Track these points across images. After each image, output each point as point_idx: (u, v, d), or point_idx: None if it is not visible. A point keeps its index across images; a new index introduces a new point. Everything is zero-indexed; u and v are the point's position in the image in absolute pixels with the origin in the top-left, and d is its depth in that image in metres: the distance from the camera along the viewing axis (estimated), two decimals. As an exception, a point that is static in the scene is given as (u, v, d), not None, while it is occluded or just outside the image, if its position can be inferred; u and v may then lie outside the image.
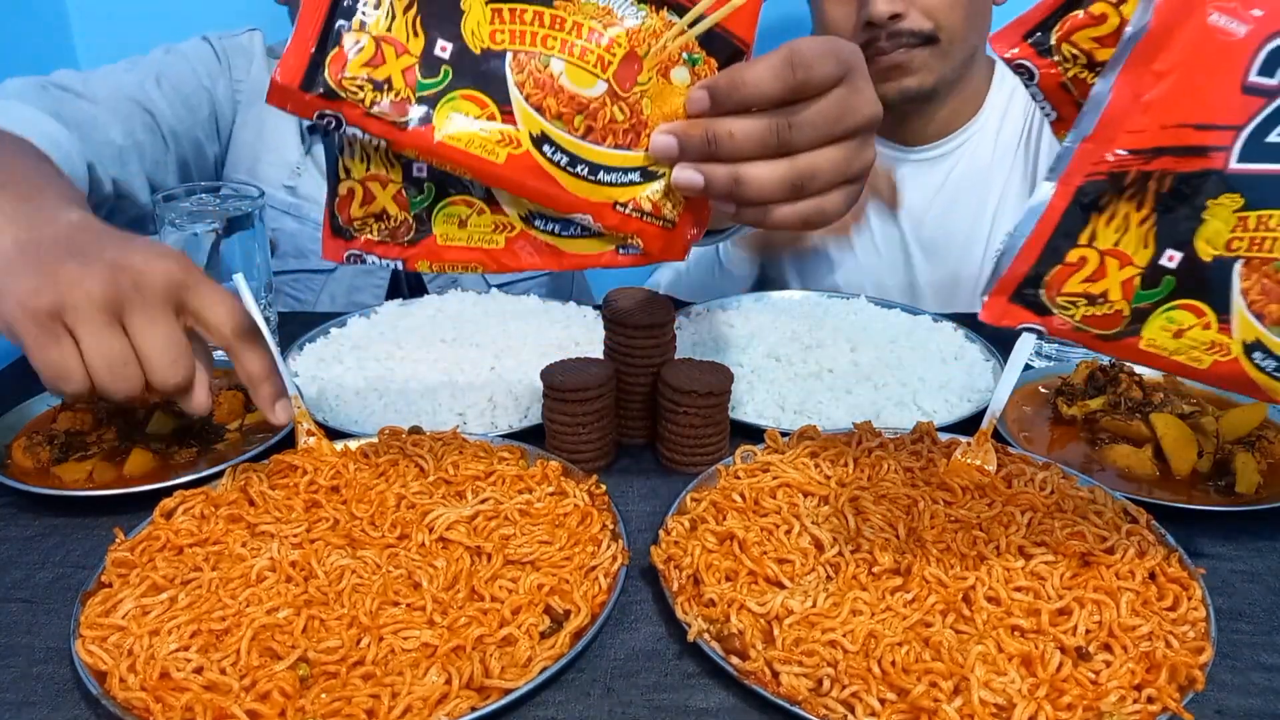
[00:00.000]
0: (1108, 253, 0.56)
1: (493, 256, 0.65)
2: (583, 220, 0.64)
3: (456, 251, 0.65)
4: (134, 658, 0.60)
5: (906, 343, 1.07)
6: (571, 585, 0.67)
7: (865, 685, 0.59)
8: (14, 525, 0.79)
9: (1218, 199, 0.54)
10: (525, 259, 0.65)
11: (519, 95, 0.61)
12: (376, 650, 0.61)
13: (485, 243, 0.65)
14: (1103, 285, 0.56)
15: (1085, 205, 0.55)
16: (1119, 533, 0.71)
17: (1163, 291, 0.57)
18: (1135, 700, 0.59)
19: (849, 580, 0.67)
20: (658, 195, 0.64)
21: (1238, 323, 0.57)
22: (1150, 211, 0.55)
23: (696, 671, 0.64)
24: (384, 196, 0.63)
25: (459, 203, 0.64)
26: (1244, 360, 0.58)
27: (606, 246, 0.65)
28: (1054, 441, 0.90)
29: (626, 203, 0.63)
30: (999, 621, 0.63)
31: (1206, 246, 0.55)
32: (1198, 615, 0.65)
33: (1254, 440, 0.86)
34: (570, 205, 0.63)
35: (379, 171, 0.63)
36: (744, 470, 0.79)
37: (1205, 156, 0.54)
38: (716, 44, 0.62)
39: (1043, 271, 0.56)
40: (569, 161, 0.62)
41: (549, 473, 0.79)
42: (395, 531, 0.72)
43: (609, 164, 0.62)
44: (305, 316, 1.19)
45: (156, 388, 0.65)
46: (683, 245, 0.66)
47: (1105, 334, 0.58)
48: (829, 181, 0.62)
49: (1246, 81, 0.53)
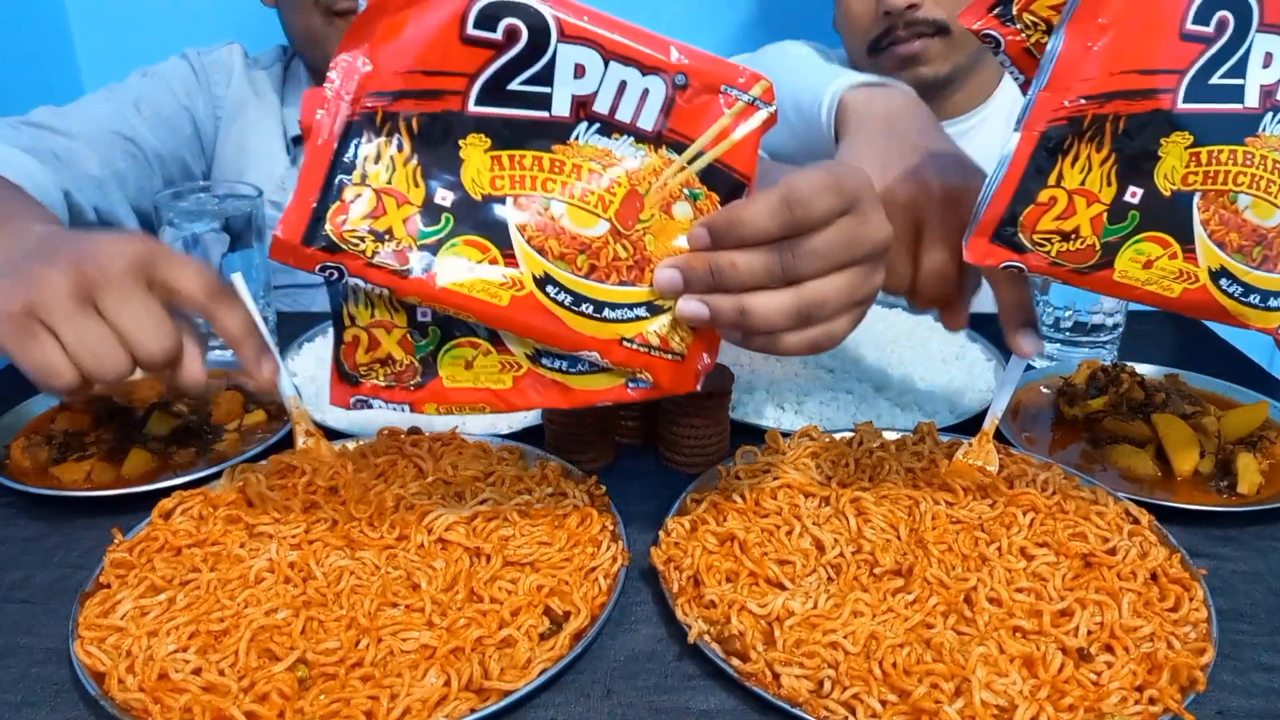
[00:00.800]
0: (1075, 192, 0.60)
1: (500, 396, 0.65)
2: (590, 357, 0.63)
3: (464, 393, 0.65)
4: (132, 659, 0.60)
5: (907, 343, 1.07)
6: (571, 586, 0.67)
7: (866, 687, 0.58)
8: (13, 525, 0.78)
9: (1169, 137, 0.59)
10: (534, 398, 0.65)
11: (520, 238, 0.61)
12: (375, 651, 0.61)
13: (493, 383, 0.65)
14: (1073, 222, 0.60)
15: (1050, 149, 0.59)
16: (1121, 533, 0.71)
17: (1129, 225, 0.61)
18: (1137, 701, 0.59)
19: (850, 581, 0.67)
20: (665, 329, 0.63)
21: (1202, 251, 0.62)
22: (1110, 152, 0.59)
23: (697, 673, 0.63)
24: (389, 342, 0.63)
25: (464, 345, 0.64)
26: (1211, 286, 0.63)
27: (616, 381, 0.65)
28: (1056, 442, 0.89)
29: (633, 338, 0.63)
30: (1000, 623, 0.63)
31: (1165, 182, 0.60)
32: (1199, 616, 0.65)
33: (1255, 440, 0.85)
34: (576, 344, 0.62)
35: (383, 318, 0.63)
36: (744, 471, 0.78)
37: (1153, 98, 0.58)
38: (717, 179, 0.62)
39: (1017, 212, 0.60)
40: (573, 300, 0.61)
41: (549, 473, 0.78)
42: (394, 532, 0.72)
43: (614, 300, 0.62)
44: (304, 317, 1.19)
45: (144, 362, 0.65)
46: (693, 376, 0.66)
47: (1080, 267, 0.62)
48: (837, 308, 0.62)
49: (1184, 29, 0.58)
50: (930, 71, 1.26)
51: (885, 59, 1.27)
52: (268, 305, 1.06)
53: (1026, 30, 0.65)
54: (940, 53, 1.25)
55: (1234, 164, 0.60)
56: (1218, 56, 0.59)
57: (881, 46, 1.26)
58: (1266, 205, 0.62)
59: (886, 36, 1.24)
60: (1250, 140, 0.60)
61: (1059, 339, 1.05)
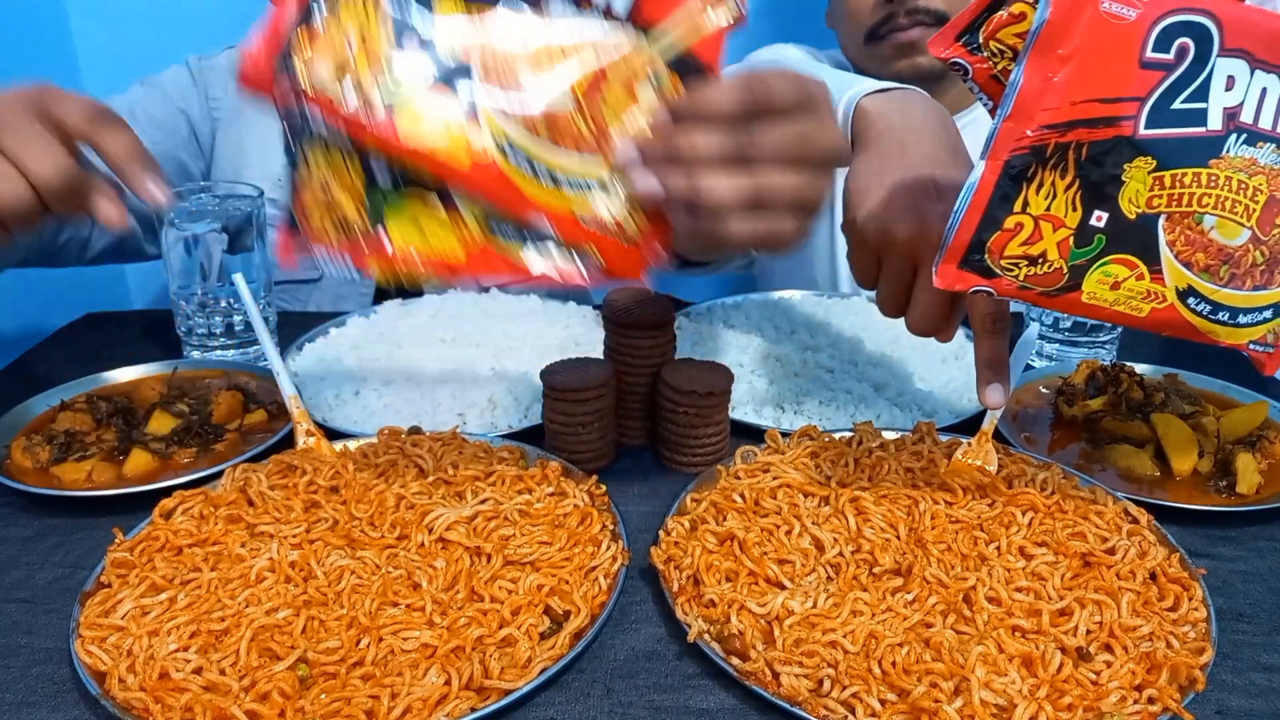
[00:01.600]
0: (1041, 217, 0.61)
1: (449, 265, 0.63)
2: (541, 226, 0.62)
3: (412, 255, 0.63)
4: (133, 658, 0.60)
5: (907, 343, 1.07)
6: (571, 586, 0.67)
7: (866, 686, 0.58)
8: (14, 525, 0.78)
9: (1132, 162, 0.60)
10: (483, 268, 0.63)
11: None
12: (376, 651, 0.61)
13: (442, 247, 0.63)
14: (1040, 247, 0.61)
15: (1014, 177, 0.60)
16: (1120, 533, 0.71)
17: (1095, 249, 0.62)
18: (1136, 701, 0.59)
19: (849, 581, 0.67)
20: (618, 209, 0.63)
21: (1169, 271, 0.63)
22: (1074, 178, 0.60)
23: (697, 672, 0.63)
24: (342, 194, 0.62)
25: (417, 206, 0.62)
26: (1180, 305, 0.64)
27: (563, 261, 0.64)
28: (1055, 442, 0.89)
29: (587, 217, 0.63)
30: (1000, 622, 0.63)
31: (1130, 205, 0.61)
32: (1198, 615, 0.65)
33: (1254, 440, 0.86)
34: (530, 208, 0.62)
35: (340, 173, 0.62)
36: (744, 470, 0.78)
37: (1115, 126, 0.59)
38: (683, 66, 0.63)
39: (984, 238, 0.61)
40: (530, 169, 0.61)
41: (549, 473, 0.79)
42: (395, 532, 0.72)
43: (571, 172, 0.62)
44: (305, 317, 1.19)
45: (43, 188, 0.67)
46: (640, 265, 0.65)
47: (1049, 290, 0.63)
48: (785, 203, 0.63)
49: (1144, 58, 0.59)
50: (928, 61, 1.26)
51: (884, 46, 1.27)
52: (268, 305, 1.07)
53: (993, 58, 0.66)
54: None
55: (1198, 186, 0.61)
56: (1179, 82, 0.59)
57: (880, 34, 1.26)
58: (1232, 225, 0.63)
59: (886, 24, 1.25)
60: (1214, 162, 0.61)
61: (1058, 339, 1.05)
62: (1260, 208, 0.62)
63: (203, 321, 1.04)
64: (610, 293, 0.89)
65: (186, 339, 1.06)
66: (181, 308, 1.04)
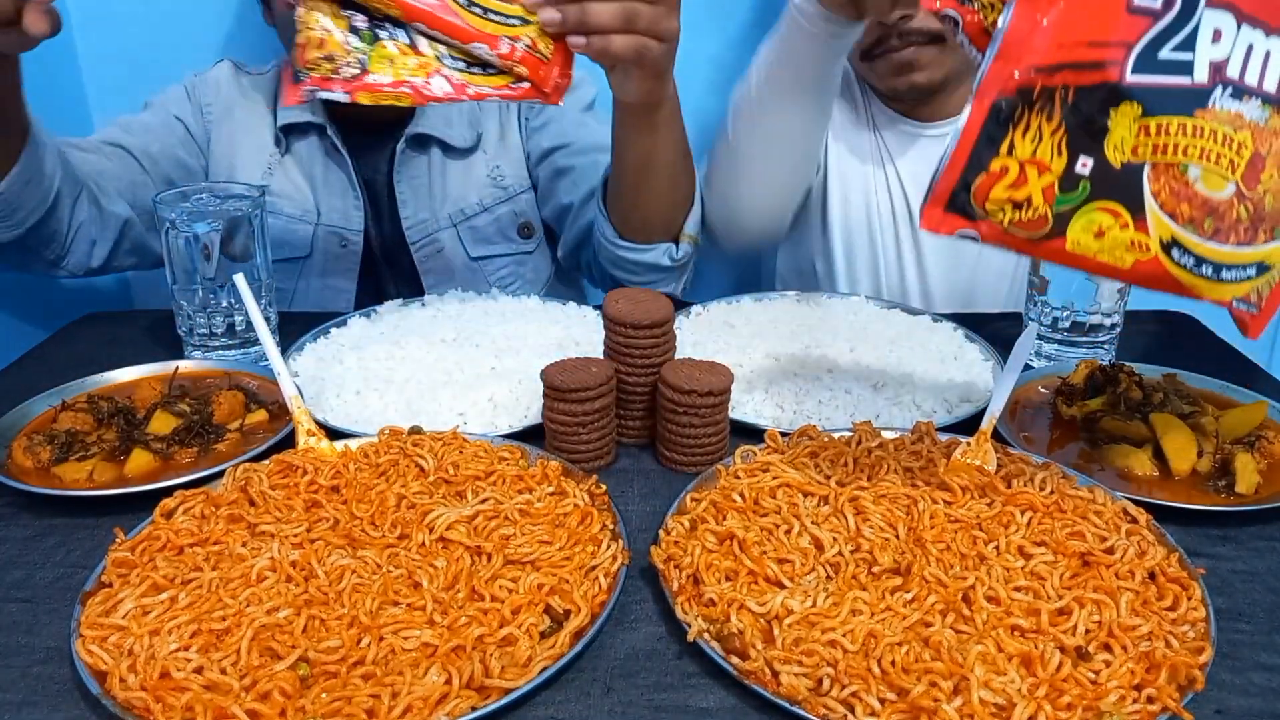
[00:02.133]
0: (1027, 162, 0.61)
1: (415, 89, 0.85)
2: (480, 51, 0.85)
3: (388, 84, 0.84)
4: (134, 658, 0.60)
5: (906, 343, 1.07)
6: (571, 585, 0.67)
7: (865, 685, 0.59)
8: (14, 525, 0.79)
9: (1118, 108, 0.60)
10: (439, 91, 0.85)
11: None
12: (377, 650, 0.62)
13: (410, 75, 0.84)
14: (1025, 191, 0.62)
15: (1001, 119, 0.60)
16: (1119, 533, 0.71)
17: (1080, 195, 0.62)
18: (1135, 700, 0.59)
19: (849, 580, 0.68)
20: (534, 35, 0.86)
21: (1153, 222, 0.63)
22: (1060, 122, 0.60)
23: (696, 671, 0.64)
24: (332, 42, 0.83)
25: (389, 45, 0.84)
26: (1164, 257, 0.64)
27: (499, 80, 0.87)
28: (1054, 441, 0.90)
29: (515, 39, 0.86)
30: (999, 621, 0.63)
31: (1115, 153, 0.61)
32: (1197, 615, 0.65)
33: (1253, 440, 0.86)
34: (470, 36, 0.84)
35: (330, 22, 0.83)
36: (744, 470, 0.79)
37: (1102, 70, 0.60)
38: None
39: (970, 180, 0.62)
40: (468, 4, 0.84)
41: (549, 473, 0.79)
42: (395, 531, 0.72)
43: (497, 9, 0.85)
44: (305, 316, 1.19)
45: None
46: (554, 80, 0.89)
47: (1033, 236, 0.63)
48: (647, 27, 0.89)
49: (1131, 3, 0.59)
50: (924, 79, 1.27)
51: (880, 65, 1.28)
52: (268, 305, 1.07)
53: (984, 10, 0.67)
54: (934, 59, 1.26)
55: (1184, 136, 0.61)
56: (1167, 30, 0.60)
57: (875, 54, 1.27)
58: (1217, 177, 0.63)
59: (879, 45, 1.26)
60: (1200, 112, 0.61)
61: (1057, 339, 1.05)
62: (1245, 163, 0.63)
63: (203, 321, 1.04)
64: (610, 293, 0.89)
65: (187, 339, 1.06)
66: (182, 308, 1.04)
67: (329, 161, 1.36)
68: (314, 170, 1.36)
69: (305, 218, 1.36)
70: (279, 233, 1.34)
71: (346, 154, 1.34)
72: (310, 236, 1.36)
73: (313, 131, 1.35)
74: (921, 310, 1.18)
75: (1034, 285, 1.06)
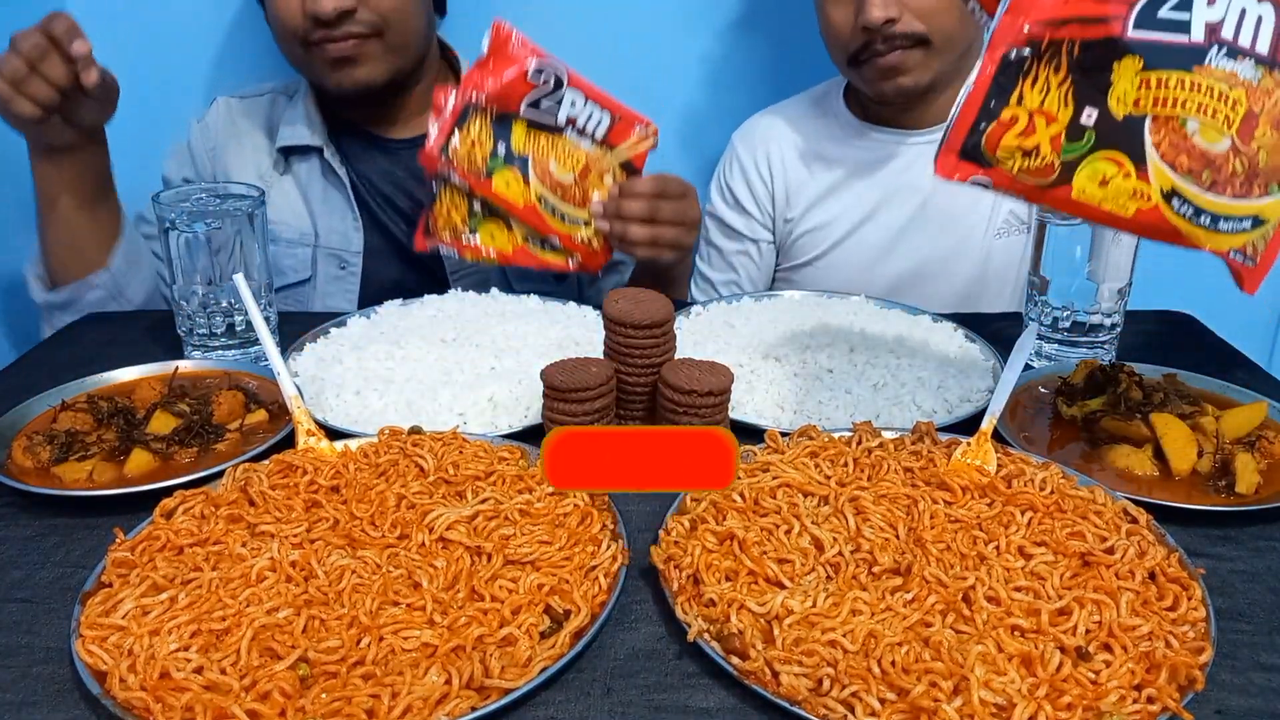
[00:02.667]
0: (1035, 112, 0.64)
1: (505, 255, 1.20)
2: (552, 240, 1.19)
3: (491, 250, 1.19)
4: (134, 658, 0.60)
5: (906, 343, 1.07)
6: (571, 585, 0.67)
7: (865, 685, 0.59)
8: (14, 525, 0.79)
9: (1121, 61, 0.63)
10: (521, 259, 1.20)
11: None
12: (376, 650, 0.62)
13: (505, 246, 1.20)
14: (1034, 140, 0.65)
15: (1011, 70, 0.64)
16: (1119, 533, 0.71)
17: (1086, 145, 0.65)
18: (1135, 700, 0.59)
19: (849, 580, 0.67)
20: (590, 233, 1.20)
21: (1154, 172, 0.66)
22: (1066, 74, 0.64)
23: (696, 671, 0.64)
24: (456, 216, 1.18)
25: (491, 223, 1.19)
26: (1164, 206, 0.67)
27: (562, 258, 1.21)
28: (1054, 441, 0.90)
29: (576, 236, 1.20)
30: (999, 621, 0.63)
31: (1118, 105, 0.64)
32: (1197, 615, 0.65)
33: (1254, 440, 0.86)
34: (548, 230, 1.19)
35: (458, 202, 1.17)
36: (744, 470, 0.79)
37: (1105, 25, 0.63)
38: (628, 167, 1.21)
39: (982, 128, 0.65)
40: (553, 211, 1.18)
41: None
42: (395, 531, 0.72)
43: (571, 215, 1.19)
44: (305, 316, 1.19)
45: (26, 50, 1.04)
46: (599, 263, 1.23)
47: (1041, 183, 0.66)
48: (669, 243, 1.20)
49: None
50: (910, 82, 1.27)
51: (867, 70, 1.28)
52: (268, 305, 1.07)
53: None
54: (920, 62, 1.26)
55: (1182, 90, 0.65)
56: None
57: (862, 59, 1.27)
58: (1214, 131, 0.66)
59: (865, 50, 1.26)
60: (1197, 69, 0.65)
61: (1057, 339, 1.05)
62: (1239, 119, 0.66)
63: (203, 321, 1.05)
64: (610, 293, 0.89)
65: (187, 339, 1.06)
66: (182, 308, 1.04)
67: (327, 183, 1.37)
68: (311, 192, 1.37)
69: (303, 240, 1.37)
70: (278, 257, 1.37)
71: (345, 175, 1.35)
72: (309, 259, 1.38)
73: (312, 153, 1.36)
74: (921, 310, 1.18)
75: (1034, 285, 1.06)
